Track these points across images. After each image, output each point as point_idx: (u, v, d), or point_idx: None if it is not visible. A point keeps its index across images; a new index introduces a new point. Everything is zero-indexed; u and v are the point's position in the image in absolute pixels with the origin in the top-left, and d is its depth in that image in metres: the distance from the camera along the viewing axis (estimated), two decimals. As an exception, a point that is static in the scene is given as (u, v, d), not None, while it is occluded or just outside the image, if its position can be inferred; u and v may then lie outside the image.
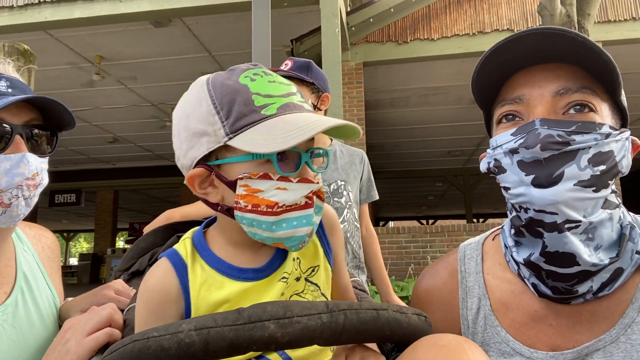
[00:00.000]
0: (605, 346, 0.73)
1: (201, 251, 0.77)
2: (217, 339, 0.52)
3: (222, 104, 0.69)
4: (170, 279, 0.73)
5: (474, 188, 13.99)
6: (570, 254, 0.71)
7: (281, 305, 0.56)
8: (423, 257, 6.68)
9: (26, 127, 0.91)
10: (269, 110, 0.68)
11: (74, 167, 14.45)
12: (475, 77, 0.80)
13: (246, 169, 0.68)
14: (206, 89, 0.71)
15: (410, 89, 8.21)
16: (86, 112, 9.79)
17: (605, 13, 6.62)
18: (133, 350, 0.52)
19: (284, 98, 0.70)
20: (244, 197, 0.68)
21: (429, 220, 25.85)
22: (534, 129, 0.72)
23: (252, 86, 0.70)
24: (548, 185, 0.70)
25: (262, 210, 0.67)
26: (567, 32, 0.70)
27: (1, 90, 0.89)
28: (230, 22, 6.60)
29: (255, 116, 0.67)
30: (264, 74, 0.72)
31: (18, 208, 0.90)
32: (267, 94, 0.69)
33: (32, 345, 0.97)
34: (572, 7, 4.28)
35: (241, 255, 0.76)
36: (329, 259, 0.82)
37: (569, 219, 0.70)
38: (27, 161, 0.89)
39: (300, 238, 0.69)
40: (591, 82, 0.74)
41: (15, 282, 0.99)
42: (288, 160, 0.69)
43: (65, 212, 20.36)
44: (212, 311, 0.70)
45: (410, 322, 0.60)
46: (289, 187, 0.67)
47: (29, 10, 6.26)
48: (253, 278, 0.73)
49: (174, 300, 0.73)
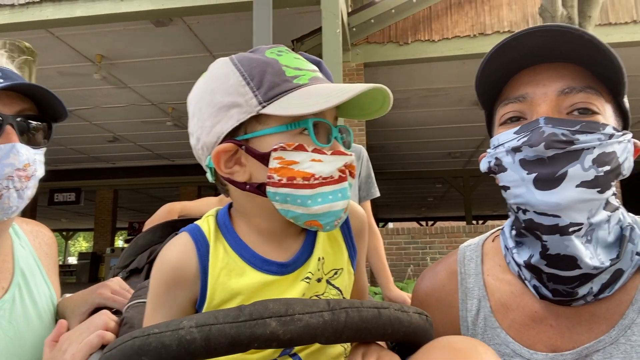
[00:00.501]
0: (605, 347, 0.73)
1: (225, 232, 0.73)
2: (218, 335, 0.52)
3: (253, 75, 0.67)
4: (190, 256, 0.69)
5: (473, 190, 13.99)
6: (572, 257, 0.70)
7: (283, 303, 0.55)
8: (422, 258, 6.68)
9: (18, 117, 0.90)
10: (301, 80, 0.67)
11: (73, 166, 14.44)
12: (480, 74, 0.80)
13: (280, 139, 0.66)
14: (231, 63, 0.70)
15: (410, 90, 8.21)
16: (86, 111, 9.78)
17: (606, 15, 6.62)
18: (133, 346, 0.52)
19: (311, 72, 0.70)
20: (278, 171, 0.65)
21: (429, 222, 25.84)
22: (538, 127, 0.71)
23: (280, 59, 0.69)
24: (550, 184, 0.70)
25: (297, 184, 0.64)
26: (574, 30, 0.70)
27: None
28: (231, 21, 6.60)
29: (289, 85, 0.66)
30: (288, 51, 0.72)
31: (9, 200, 0.88)
32: (296, 67, 0.69)
33: (29, 341, 0.96)
34: (573, 9, 4.28)
35: (266, 245, 0.72)
36: (353, 262, 0.79)
37: (573, 222, 0.70)
38: (17, 151, 0.87)
39: (337, 213, 0.67)
40: (595, 82, 0.74)
41: (13, 278, 0.99)
42: (320, 133, 0.67)
43: (64, 211, 20.35)
44: (229, 299, 0.68)
45: (411, 320, 0.60)
46: (324, 159, 0.65)
47: (30, 8, 6.26)
48: (276, 272, 0.70)
49: (189, 280, 0.69)
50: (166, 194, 16.78)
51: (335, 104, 0.62)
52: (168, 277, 0.70)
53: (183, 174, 13.84)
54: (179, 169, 14.01)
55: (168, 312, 0.70)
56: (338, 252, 0.77)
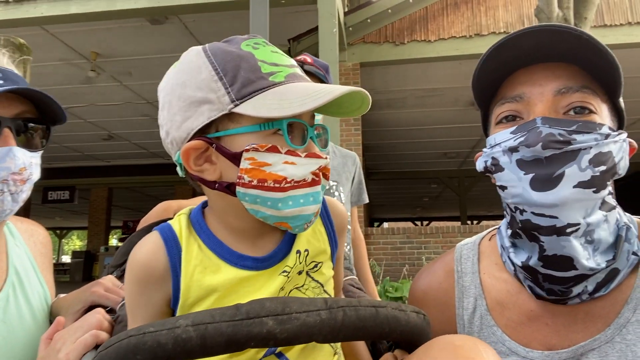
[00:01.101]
0: (600, 346, 0.73)
1: (199, 230, 0.71)
2: (214, 334, 0.51)
3: (226, 70, 0.64)
4: (158, 256, 0.68)
5: (468, 190, 14.03)
6: (568, 257, 0.70)
7: (279, 302, 0.55)
8: (418, 258, 6.69)
9: (17, 120, 0.89)
10: (277, 77, 0.64)
11: (68, 164, 14.36)
12: (477, 74, 0.80)
13: (252, 140, 0.63)
14: (204, 55, 0.66)
15: (406, 90, 8.23)
16: (81, 108, 9.73)
17: (601, 17, 6.65)
18: (129, 345, 0.51)
19: (289, 68, 0.67)
20: (249, 172, 0.63)
21: (423, 222, 25.91)
22: (535, 127, 0.71)
23: (256, 53, 0.66)
24: (547, 185, 0.70)
25: (268, 186, 0.63)
26: (572, 30, 0.70)
27: None
28: (227, 20, 6.59)
29: (264, 82, 0.63)
30: (266, 44, 0.69)
31: (3, 203, 0.88)
32: (272, 63, 0.65)
33: (21, 340, 0.95)
34: (569, 10, 4.30)
35: (241, 242, 0.71)
36: (333, 257, 0.80)
37: (570, 222, 0.70)
38: (13, 155, 0.87)
39: (307, 217, 0.66)
40: (591, 82, 0.74)
41: (7, 277, 0.98)
42: (294, 134, 0.65)
43: (58, 209, 20.24)
44: (205, 296, 0.67)
45: (409, 319, 0.60)
46: (297, 161, 0.63)
47: (24, 5, 6.21)
48: (252, 267, 0.69)
49: (160, 279, 0.68)
50: (161, 192, 16.72)
51: (310, 108, 0.60)
52: (139, 276, 0.69)
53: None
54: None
55: (145, 313, 0.69)
56: (322, 246, 0.76)
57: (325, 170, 0.67)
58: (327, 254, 0.78)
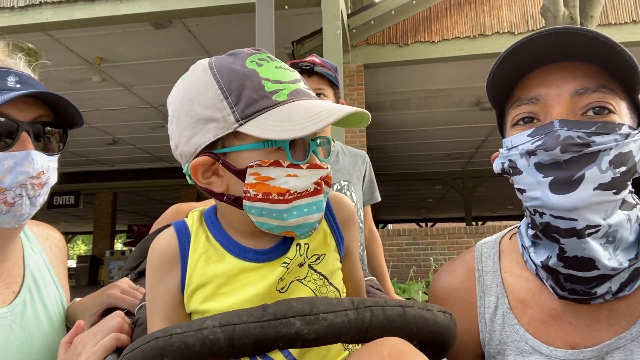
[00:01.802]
0: (625, 344, 0.73)
1: (209, 223, 0.77)
2: (242, 335, 0.51)
3: (231, 89, 0.66)
4: (171, 244, 0.75)
5: (473, 191, 13.99)
6: (590, 259, 0.70)
7: (307, 302, 0.55)
8: (424, 259, 6.67)
9: (34, 124, 0.89)
10: (280, 96, 0.66)
11: (73, 169, 14.41)
12: (491, 77, 0.79)
13: (256, 156, 0.66)
14: (210, 72, 0.69)
15: (410, 92, 8.22)
16: (86, 113, 9.73)
17: (606, 16, 6.63)
18: (155, 347, 0.51)
19: (292, 84, 0.69)
20: (254, 186, 0.66)
21: (428, 223, 25.86)
22: (553, 130, 0.70)
23: (260, 71, 0.68)
24: (567, 188, 0.69)
25: (273, 199, 0.66)
26: (589, 32, 0.69)
27: (9, 86, 0.87)
28: (231, 23, 6.60)
29: (267, 102, 0.65)
30: (270, 60, 0.71)
31: (22, 207, 0.88)
32: (276, 80, 0.67)
33: (39, 344, 0.95)
34: (575, 9, 4.29)
35: (245, 239, 0.75)
36: (340, 250, 0.81)
37: (590, 224, 0.69)
38: (32, 159, 0.87)
39: (311, 225, 0.69)
40: (609, 80, 0.73)
41: (24, 281, 0.98)
42: (297, 148, 0.68)
43: (64, 214, 20.29)
44: (206, 283, 0.71)
45: (436, 319, 0.59)
46: (299, 173, 0.66)
47: (29, 11, 6.25)
48: (253, 259, 0.72)
49: (172, 263, 0.74)
50: (165, 196, 16.75)
51: (310, 132, 0.63)
52: (155, 263, 0.75)
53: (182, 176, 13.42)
54: (178, 172, 13.72)
55: (163, 301, 0.74)
56: (323, 238, 0.78)
57: (327, 179, 0.70)
58: (330, 246, 0.79)
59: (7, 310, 0.92)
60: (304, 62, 1.71)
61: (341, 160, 1.83)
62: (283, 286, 0.72)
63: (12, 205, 0.86)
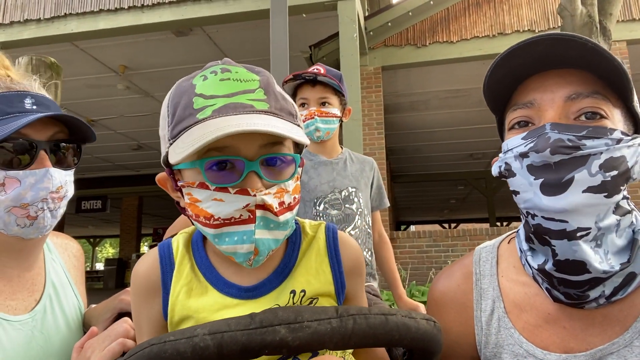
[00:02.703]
0: (619, 350, 0.73)
1: (195, 250, 0.73)
2: (230, 343, 0.54)
3: (173, 107, 0.66)
4: (152, 271, 0.71)
5: (496, 191, 13.78)
6: (581, 261, 0.71)
7: (292, 311, 0.57)
8: (444, 261, 6.61)
9: (51, 142, 0.95)
10: (204, 113, 0.62)
11: (100, 174, 14.77)
12: (486, 81, 0.81)
13: (188, 176, 0.65)
14: (172, 90, 0.69)
15: (430, 92, 8.17)
16: (111, 120, 10.01)
17: (629, 11, 6.47)
18: (150, 353, 0.55)
19: (228, 98, 0.64)
20: (189, 206, 0.65)
21: (451, 224, 25.55)
22: (544, 133, 0.72)
23: (199, 86, 0.65)
24: (557, 190, 0.70)
25: (202, 222, 0.64)
26: (577, 38, 0.70)
27: (26, 108, 0.93)
28: (250, 29, 6.69)
29: (190, 120, 0.62)
30: (221, 71, 0.67)
31: (44, 220, 0.94)
32: (210, 95, 0.64)
33: (57, 349, 1.01)
34: (593, 7, 4.19)
35: (231, 267, 0.71)
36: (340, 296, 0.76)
37: (581, 227, 0.70)
38: (50, 176, 0.93)
39: (244, 255, 0.64)
40: (603, 87, 0.74)
41: (44, 289, 1.04)
42: (232, 169, 0.63)
43: (91, 218, 20.79)
44: (187, 317, 0.69)
45: (419, 326, 0.61)
46: (225, 198, 0.62)
47: (55, 22, 6.46)
48: (237, 295, 0.69)
49: (153, 292, 0.71)
50: (189, 200, 16.96)
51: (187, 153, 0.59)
52: (138, 287, 0.72)
53: None
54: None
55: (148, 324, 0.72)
56: (324, 286, 0.74)
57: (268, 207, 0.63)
58: (329, 295, 0.74)
59: (29, 316, 0.98)
60: (307, 72, 1.75)
61: (349, 167, 1.86)
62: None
63: (34, 219, 0.93)
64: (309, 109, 1.75)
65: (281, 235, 0.66)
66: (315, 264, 0.74)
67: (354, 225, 1.77)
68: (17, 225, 0.92)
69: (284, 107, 0.67)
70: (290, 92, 1.82)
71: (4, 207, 0.90)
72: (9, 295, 0.97)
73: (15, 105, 0.92)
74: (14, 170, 0.90)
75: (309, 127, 1.74)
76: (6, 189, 0.90)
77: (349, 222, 1.76)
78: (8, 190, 0.90)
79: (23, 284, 1.00)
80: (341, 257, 0.76)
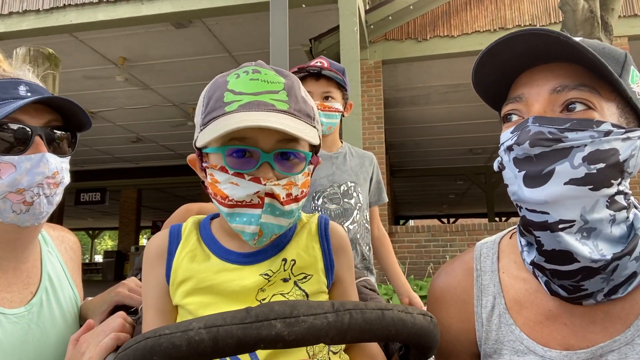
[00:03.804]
0: (620, 347, 0.73)
1: (202, 229, 0.83)
2: (225, 336, 0.54)
3: (207, 98, 0.75)
4: (161, 242, 0.81)
5: (496, 186, 13.79)
6: (567, 251, 0.71)
7: (288, 305, 0.57)
8: (443, 256, 6.63)
9: (46, 128, 0.95)
10: (231, 107, 0.71)
11: (98, 167, 14.77)
12: (473, 78, 0.82)
13: (212, 159, 0.74)
14: (210, 83, 0.78)
15: (430, 87, 8.15)
16: (110, 112, 9.99)
17: (631, 7, 6.45)
18: (145, 347, 0.54)
19: (253, 96, 0.71)
20: (210, 185, 0.74)
21: (450, 219, 25.60)
22: (526, 126, 0.73)
23: (231, 83, 0.74)
24: (538, 182, 0.71)
25: (219, 200, 0.73)
26: (550, 32, 0.70)
27: (20, 94, 0.93)
28: (250, 22, 6.66)
29: (219, 112, 0.71)
30: (252, 72, 0.75)
31: (40, 206, 0.93)
32: (239, 91, 0.72)
33: (53, 342, 1.01)
34: (594, 2, 4.18)
35: (231, 242, 0.80)
36: (329, 276, 0.83)
37: (563, 219, 0.70)
38: (46, 160, 0.92)
39: (250, 235, 0.72)
40: (591, 79, 0.73)
41: (41, 282, 1.03)
42: (250, 157, 0.71)
43: (90, 210, 20.82)
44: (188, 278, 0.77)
45: (415, 321, 0.61)
46: (240, 183, 0.70)
47: (54, 13, 6.43)
48: (234, 261, 0.78)
49: (159, 257, 0.80)
50: (188, 193, 17.01)
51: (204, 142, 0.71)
52: (147, 257, 0.82)
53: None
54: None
55: (153, 293, 0.81)
56: (313, 260, 0.81)
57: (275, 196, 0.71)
58: (318, 269, 0.82)
59: (25, 309, 0.97)
60: (312, 66, 1.75)
61: (348, 161, 1.85)
62: (264, 297, 0.76)
63: (30, 205, 0.92)
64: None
65: (285, 222, 0.74)
66: (306, 241, 0.82)
67: (352, 220, 1.77)
68: (13, 211, 0.91)
69: (302, 109, 0.75)
70: None
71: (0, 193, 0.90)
72: (5, 288, 0.97)
73: (10, 92, 0.92)
74: (9, 156, 0.90)
75: None
76: (1, 174, 0.89)
77: (347, 216, 1.76)
78: (3, 176, 0.89)
79: (19, 277, 1.00)
80: (330, 238, 0.84)
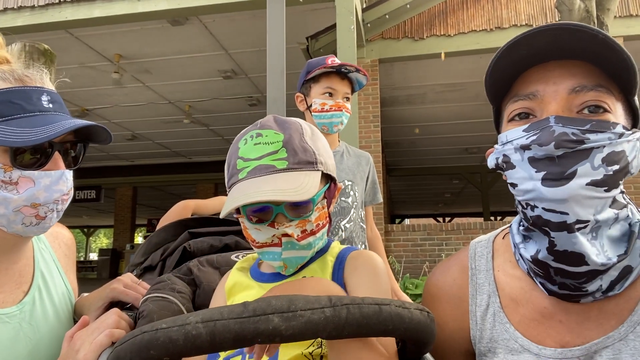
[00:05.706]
0: (613, 343, 0.73)
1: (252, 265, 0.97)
2: (223, 331, 0.54)
3: (227, 164, 0.86)
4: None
5: (491, 186, 13.83)
6: (580, 254, 0.70)
7: (285, 300, 0.57)
8: (438, 255, 6.64)
9: (64, 144, 0.94)
10: (243, 173, 0.81)
11: (94, 164, 14.70)
12: (490, 71, 0.79)
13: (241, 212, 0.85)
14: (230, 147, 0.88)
15: (426, 86, 8.16)
16: (106, 109, 9.95)
17: (626, 7, 6.47)
18: (142, 341, 0.54)
19: (257, 161, 0.81)
20: (243, 230, 0.87)
21: (446, 218, 25.65)
22: (548, 126, 0.71)
23: (241, 150, 0.83)
24: (559, 182, 0.70)
25: (251, 242, 0.86)
26: (588, 29, 0.69)
27: (44, 106, 0.91)
28: (246, 19, 6.64)
29: (235, 178, 0.82)
30: (255, 136, 0.84)
31: (51, 220, 0.93)
32: (247, 158, 0.82)
33: (46, 339, 1.00)
34: (591, 2, 4.19)
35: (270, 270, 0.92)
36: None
37: (580, 219, 0.70)
38: (66, 179, 0.92)
39: (278, 267, 0.85)
40: (606, 80, 0.73)
41: (33, 280, 1.02)
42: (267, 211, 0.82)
43: (85, 208, 20.71)
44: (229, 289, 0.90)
45: (412, 316, 0.61)
46: (261, 229, 0.83)
47: (49, 10, 6.38)
48: (269, 280, 0.89)
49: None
50: (184, 191, 16.98)
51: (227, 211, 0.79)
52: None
53: (200, 172, 14.04)
54: (196, 167, 14.20)
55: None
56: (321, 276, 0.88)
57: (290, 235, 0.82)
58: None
59: (17, 308, 0.96)
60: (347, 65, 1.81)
61: (345, 160, 1.85)
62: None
63: (42, 219, 0.91)
64: (336, 100, 1.79)
65: (306, 253, 0.85)
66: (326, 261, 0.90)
67: (349, 219, 1.77)
68: (22, 224, 0.90)
69: (302, 160, 0.82)
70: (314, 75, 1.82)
71: (14, 206, 0.88)
72: None
73: (34, 103, 0.90)
74: (29, 170, 0.88)
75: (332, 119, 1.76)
76: (19, 188, 0.88)
77: (344, 215, 1.76)
78: (21, 190, 0.88)
79: (10, 277, 0.99)
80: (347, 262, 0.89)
